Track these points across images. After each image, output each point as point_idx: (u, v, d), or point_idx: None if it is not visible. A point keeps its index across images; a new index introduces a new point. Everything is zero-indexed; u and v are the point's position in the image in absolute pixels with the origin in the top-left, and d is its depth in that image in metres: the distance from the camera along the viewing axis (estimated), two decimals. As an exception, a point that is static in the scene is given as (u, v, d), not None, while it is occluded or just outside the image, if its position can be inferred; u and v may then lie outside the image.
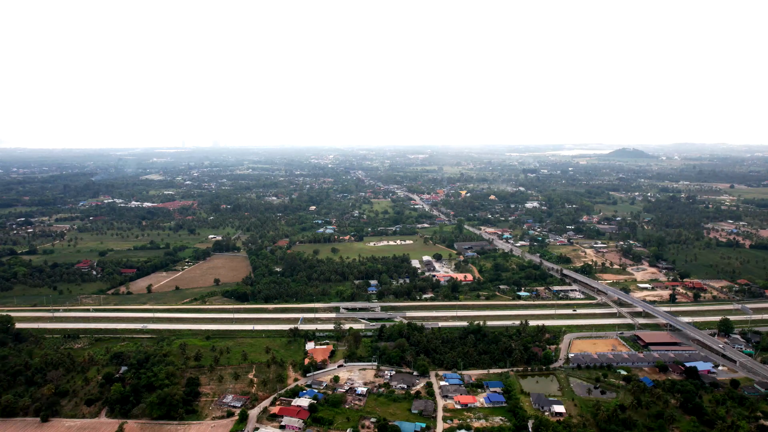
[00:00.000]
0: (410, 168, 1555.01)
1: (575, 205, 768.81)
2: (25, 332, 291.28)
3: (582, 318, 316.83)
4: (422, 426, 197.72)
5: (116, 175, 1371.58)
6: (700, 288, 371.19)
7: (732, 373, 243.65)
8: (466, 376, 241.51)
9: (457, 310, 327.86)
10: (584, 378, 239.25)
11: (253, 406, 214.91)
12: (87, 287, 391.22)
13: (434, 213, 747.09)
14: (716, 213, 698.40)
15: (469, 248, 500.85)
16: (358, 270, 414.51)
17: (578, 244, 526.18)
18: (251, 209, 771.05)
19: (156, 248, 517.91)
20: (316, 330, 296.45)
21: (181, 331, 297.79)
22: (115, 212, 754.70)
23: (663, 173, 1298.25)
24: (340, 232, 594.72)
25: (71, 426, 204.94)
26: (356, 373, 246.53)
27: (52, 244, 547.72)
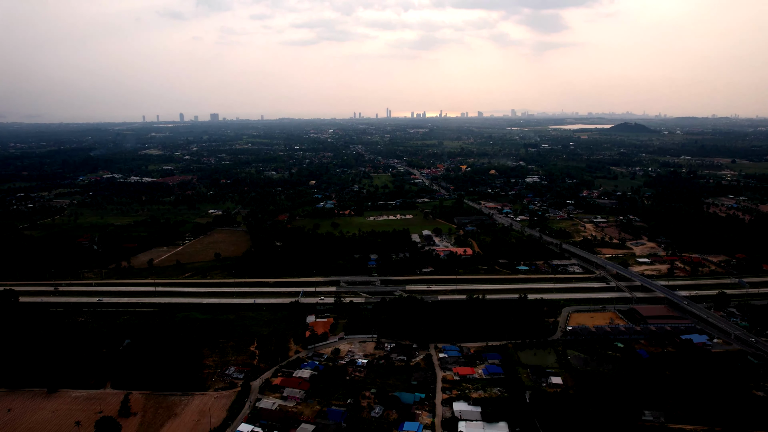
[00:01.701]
0: (410, 142, 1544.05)
1: (576, 180, 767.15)
2: (30, 306, 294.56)
3: (580, 292, 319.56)
4: (421, 396, 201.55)
5: (115, 150, 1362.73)
6: (699, 262, 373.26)
7: (726, 346, 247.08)
8: (464, 348, 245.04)
9: (456, 284, 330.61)
10: (581, 350, 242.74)
11: (255, 378, 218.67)
12: (88, 262, 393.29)
13: (434, 187, 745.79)
14: (717, 188, 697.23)
15: (469, 223, 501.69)
16: (358, 244, 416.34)
17: (578, 219, 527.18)
18: (251, 184, 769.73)
19: (156, 223, 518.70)
20: (316, 303, 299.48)
21: (183, 305, 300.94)
22: (114, 187, 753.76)
23: (664, 148, 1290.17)
24: (340, 207, 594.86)
25: (78, 396, 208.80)
26: (357, 345, 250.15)
27: (52, 219, 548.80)
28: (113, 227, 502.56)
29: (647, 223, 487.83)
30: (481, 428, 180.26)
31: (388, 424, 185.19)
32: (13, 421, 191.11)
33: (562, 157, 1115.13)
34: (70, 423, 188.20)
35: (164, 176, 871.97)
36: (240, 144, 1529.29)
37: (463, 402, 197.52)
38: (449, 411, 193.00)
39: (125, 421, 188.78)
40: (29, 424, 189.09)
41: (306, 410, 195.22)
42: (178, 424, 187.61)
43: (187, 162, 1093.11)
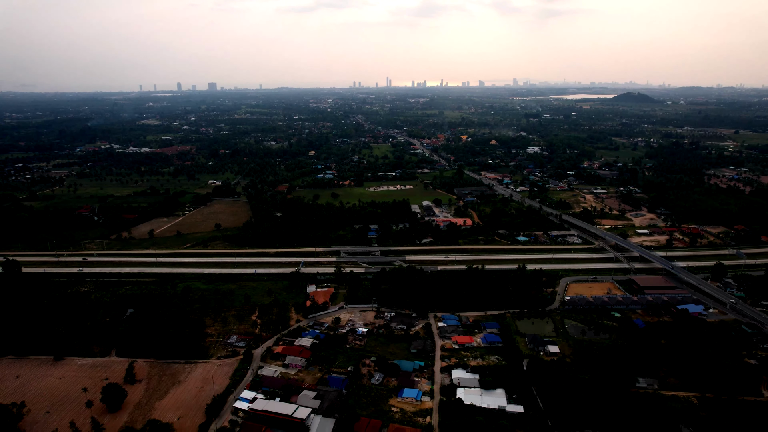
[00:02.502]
0: (411, 112, 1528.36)
1: (577, 151, 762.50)
2: (32, 276, 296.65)
3: (579, 262, 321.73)
4: (421, 364, 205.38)
5: (112, 120, 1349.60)
6: (697, 233, 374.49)
7: (722, 315, 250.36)
8: (463, 317, 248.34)
9: (456, 254, 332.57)
10: (579, 320, 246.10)
11: (257, 346, 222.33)
12: (90, 233, 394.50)
13: (434, 158, 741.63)
14: (718, 159, 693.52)
15: (469, 193, 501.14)
16: (358, 215, 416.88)
17: (578, 190, 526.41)
18: (250, 154, 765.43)
19: (156, 194, 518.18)
20: (317, 273, 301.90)
21: (185, 275, 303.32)
22: (113, 158, 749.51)
23: (667, 118, 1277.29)
24: (339, 177, 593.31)
25: (84, 364, 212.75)
26: (357, 315, 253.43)
27: (51, 190, 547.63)
28: (113, 198, 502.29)
29: (647, 195, 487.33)
30: (479, 395, 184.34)
31: (388, 391, 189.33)
32: (22, 387, 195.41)
33: (564, 127, 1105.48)
34: (77, 389, 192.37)
35: (163, 147, 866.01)
36: (238, 114, 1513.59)
37: (461, 370, 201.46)
38: (448, 378, 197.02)
39: (130, 387, 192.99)
40: (38, 390, 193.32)
41: (307, 377, 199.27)
42: (182, 391, 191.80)
43: (186, 132, 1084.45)
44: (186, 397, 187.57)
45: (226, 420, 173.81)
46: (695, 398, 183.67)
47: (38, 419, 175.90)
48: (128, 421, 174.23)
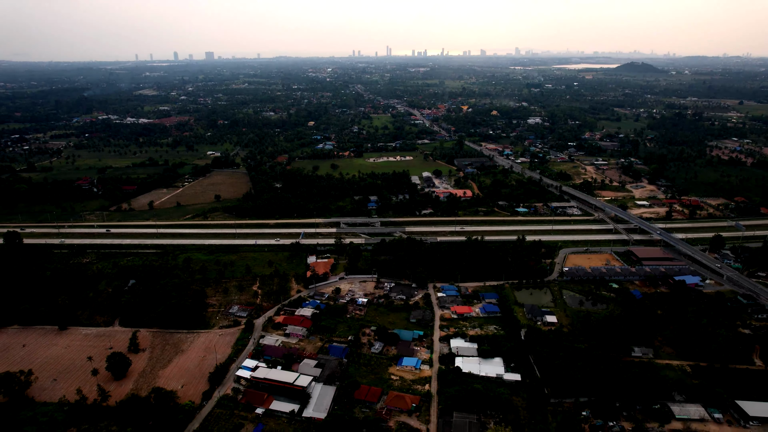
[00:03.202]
0: (411, 82, 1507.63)
1: (578, 122, 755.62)
2: (34, 247, 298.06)
3: (578, 234, 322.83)
4: (420, 333, 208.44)
5: (109, 90, 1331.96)
6: (697, 205, 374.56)
7: (718, 286, 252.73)
8: (462, 288, 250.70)
9: (455, 226, 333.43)
10: (577, 290, 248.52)
11: (258, 316, 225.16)
12: (89, 204, 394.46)
13: (435, 128, 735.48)
14: (721, 130, 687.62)
15: (469, 164, 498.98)
16: (357, 186, 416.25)
17: (579, 161, 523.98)
18: (249, 125, 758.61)
19: (155, 165, 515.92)
20: (317, 244, 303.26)
21: (185, 246, 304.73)
22: (110, 129, 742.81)
23: (671, 89, 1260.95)
24: (339, 148, 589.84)
25: (88, 334, 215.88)
26: (357, 285, 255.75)
27: (50, 161, 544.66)
28: (111, 169, 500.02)
29: (648, 166, 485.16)
30: (477, 364, 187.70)
31: (388, 360, 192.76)
32: (29, 355, 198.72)
33: (566, 98, 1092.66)
34: (83, 358, 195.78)
35: (161, 117, 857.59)
36: (237, 84, 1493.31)
37: (460, 339, 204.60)
38: (447, 347, 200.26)
39: (134, 356, 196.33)
40: (44, 358, 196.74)
41: (308, 346, 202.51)
42: (185, 360, 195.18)
43: (184, 102, 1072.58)
44: (189, 366, 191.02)
45: (229, 388, 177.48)
46: (689, 367, 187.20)
47: (46, 386, 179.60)
48: (133, 388, 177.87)
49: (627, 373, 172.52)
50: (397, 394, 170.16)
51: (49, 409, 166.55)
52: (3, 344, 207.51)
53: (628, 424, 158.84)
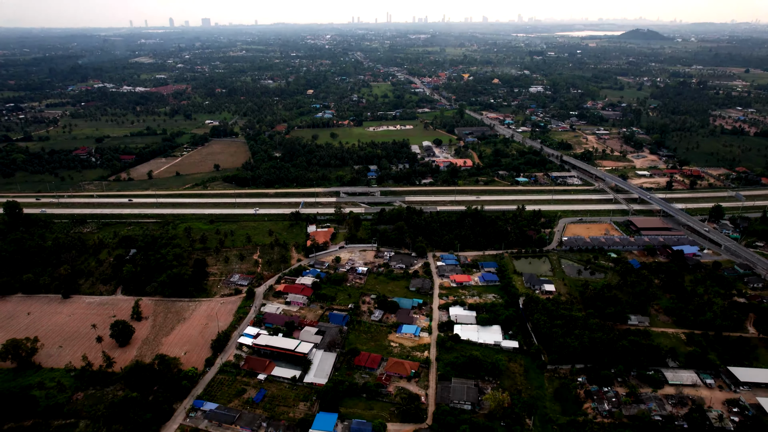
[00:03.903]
0: (411, 49, 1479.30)
1: (580, 90, 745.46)
2: (34, 217, 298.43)
3: (578, 203, 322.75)
4: (419, 302, 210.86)
5: (104, 57, 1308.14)
6: (698, 175, 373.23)
7: (716, 256, 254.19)
8: (462, 257, 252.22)
9: (455, 195, 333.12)
10: (575, 260, 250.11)
11: (259, 285, 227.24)
12: (87, 174, 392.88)
13: (435, 97, 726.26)
14: (726, 99, 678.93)
15: (470, 133, 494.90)
16: (357, 155, 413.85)
17: (580, 131, 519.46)
18: (247, 93, 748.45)
19: (153, 134, 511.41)
20: (317, 214, 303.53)
21: (185, 216, 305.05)
22: (107, 97, 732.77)
23: (676, 56, 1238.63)
24: (338, 117, 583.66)
25: (91, 302, 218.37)
26: (357, 254, 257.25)
27: (46, 130, 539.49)
28: (109, 139, 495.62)
29: (650, 136, 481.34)
30: (476, 331, 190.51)
31: (387, 327, 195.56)
32: (34, 323, 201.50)
33: (568, 65, 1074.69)
34: (87, 325, 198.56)
35: (158, 86, 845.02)
36: (234, 51, 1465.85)
37: (459, 307, 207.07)
38: (446, 315, 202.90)
39: (137, 324, 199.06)
40: (49, 326, 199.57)
41: (309, 314, 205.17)
42: (187, 328, 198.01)
43: (181, 71, 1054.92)
44: (191, 333, 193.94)
45: (231, 354, 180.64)
46: (683, 334, 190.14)
47: (52, 353, 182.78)
48: (137, 355, 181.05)
49: (622, 341, 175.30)
50: (397, 360, 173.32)
51: (56, 374, 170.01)
52: (8, 312, 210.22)
53: (623, 389, 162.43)
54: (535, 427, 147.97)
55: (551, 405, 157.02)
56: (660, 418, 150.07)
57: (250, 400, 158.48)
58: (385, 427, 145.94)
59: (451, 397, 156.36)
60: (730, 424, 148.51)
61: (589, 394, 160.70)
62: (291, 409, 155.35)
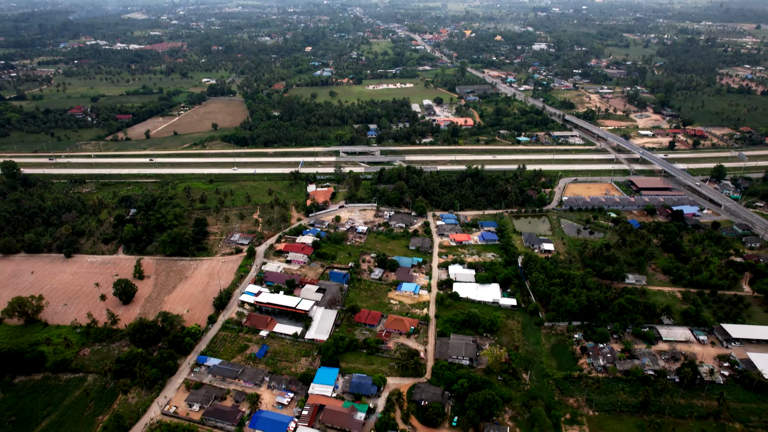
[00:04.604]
0: (412, 5, 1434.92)
1: (585, 48, 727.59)
2: (32, 177, 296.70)
3: (579, 163, 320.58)
4: (419, 260, 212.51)
5: (95, 13, 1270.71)
6: (701, 135, 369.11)
7: (715, 216, 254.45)
8: (462, 216, 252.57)
9: (456, 155, 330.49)
10: (575, 219, 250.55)
11: (259, 244, 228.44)
12: (84, 133, 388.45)
13: (436, 54, 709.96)
14: (734, 57, 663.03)
15: (471, 92, 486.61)
16: (357, 114, 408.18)
17: (583, 89, 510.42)
18: (244, 51, 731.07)
19: (149, 93, 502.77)
20: (316, 173, 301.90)
21: (184, 175, 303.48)
22: (100, 55, 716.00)
23: (685, 12, 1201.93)
24: (337, 75, 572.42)
25: (93, 261, 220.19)
26: (357, 214, 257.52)
27: (40, 89, 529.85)
28: (104, 98, 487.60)
29: (654, 95, 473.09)
30: (475, 289, 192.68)
31: (387, 285, 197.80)
32: (38, 282, 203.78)
33: (573, 22, 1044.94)
34: (90, 284, 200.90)
35: (152, 43, 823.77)
36: (230, 7, 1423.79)
37: (458, 265, 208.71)
38: (445, 273, 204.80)
39: (140, 282, 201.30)
40: (53, 284, 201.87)
41: (310, 273, 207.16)
42: (189, 286, 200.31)
43: (175, 27, 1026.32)
44: (193, 292, 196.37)
45: (233, 312, 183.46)
46: (680, 293, 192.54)
47: (57, 311, 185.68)
48: (141, 313, 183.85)
49: (619, 299, 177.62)
50: (396, 317, 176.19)
51: (63, 331, 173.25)
52: (12, 271, 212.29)
53: (618, 346, 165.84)
54: (532, 381, 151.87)
55: (548, 361, 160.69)
56: (653, 372, 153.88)
57: (253, 356, 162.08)
58: (385, 381, 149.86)
59: (450, 352, 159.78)
60: (720, 377, 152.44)
61: (584, 350, 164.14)
62: (293, 364, 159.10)
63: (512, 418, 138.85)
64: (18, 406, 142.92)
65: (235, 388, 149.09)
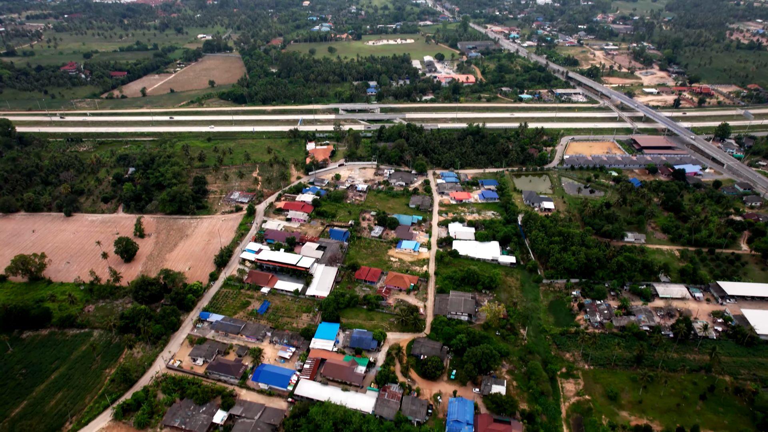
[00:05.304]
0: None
1: (591, 2, 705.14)
2: (28, 136, 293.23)
3: (581, 121, 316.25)
4: (419, 218, 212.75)
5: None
6: (707, 93, 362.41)
7: (717, 175, 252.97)
8: (462, 174, 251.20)
9: (457, 112, 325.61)
10: (576, 178, 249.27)
11: (259, 202, 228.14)
12: (78, 91, 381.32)
13: (438, 9, 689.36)
14: (746, 11, 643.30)
15: (473, 48, 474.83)
16: (356, 70, 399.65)
17: (588, 46, 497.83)
18: (240, 5, 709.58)
19: (143, 49, 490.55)
20: (315, 131, 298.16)
21: (182, 134, 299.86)
22: (91, 9, 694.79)
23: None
24: (336, 30, 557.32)
25: (93, 220, 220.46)
26: (356, 172, 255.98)
27: (30, 45, 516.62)
28: (98, 54, 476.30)
29: (661, 51, 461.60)
30: (474, 247, 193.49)
31: (387, 243, 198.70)
32: (40, 240, 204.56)
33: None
34: (91, 242, 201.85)
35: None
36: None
37: (458, 223, 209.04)
38: (445, 231, 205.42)
39: (141, 241, 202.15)
40: (54, 243, 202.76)
41: (310, 231, 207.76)
42: (190, 244, 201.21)
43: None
44: (194, 249, 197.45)
45: (234, 269, 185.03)
46: (678, 251, 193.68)
47: (60, 269, 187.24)
48: (143, 270, 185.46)
49: (618, 257, 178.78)
50: (396, 274, 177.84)
51: (67, 288, 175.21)
52: (13, 230, 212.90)
53: (615, 303, 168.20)
54: (529, 336, 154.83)
55: (545, 317, 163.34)
56: (648, 328, 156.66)
57: (255, 312, 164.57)
58: (385, 336, 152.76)
59: (449, 308, 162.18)
60: (714, 333, 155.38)
61: (582, 306, 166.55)
62: (294, 320, 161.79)
63: (509, 371, 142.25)
64: (27, 360, 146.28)
65: (237, 343, 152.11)
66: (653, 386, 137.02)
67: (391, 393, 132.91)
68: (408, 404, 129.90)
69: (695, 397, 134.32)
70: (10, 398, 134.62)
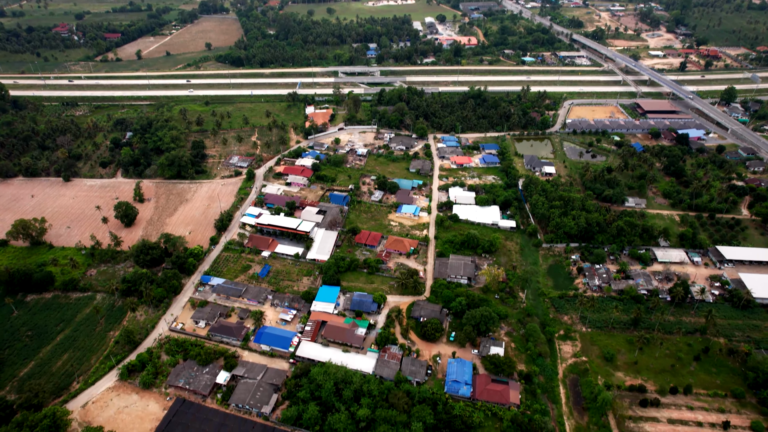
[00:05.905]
0: None
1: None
2: (22, 100, 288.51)
3: (585, 85, 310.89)
4: (419, 183, 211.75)
5: None
6: (715, 56, 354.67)
7: (721, 140, 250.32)
8: (463, 138, 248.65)
9: (458, 75, 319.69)
10: (578, 143, 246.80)
11: (258, 166, 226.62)
12: (72, 54, 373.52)
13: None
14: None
15: (476, 9, 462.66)
16: (356, 32, 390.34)
17: (594, 7, 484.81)
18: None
19: (137, 10, 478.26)
20: (315, 94, 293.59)
21: (179, 97, 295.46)
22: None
23: None
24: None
25: (92, 185, 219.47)
26: (356, 136, 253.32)
27: (19, 5, 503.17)
28: (90, 15, 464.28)
29: (669, 12, 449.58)
30: (474, 211, 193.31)
31: (387, 207, 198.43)
32: (39, 205, 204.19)
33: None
34: (91, 207, 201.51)
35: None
36: None
37: (458, 188, 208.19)
38: (445, 196, 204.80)
39: (140, 205, 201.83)
40: (54, 208, 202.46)
41: (310, 195, 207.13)
42: (189, 209, 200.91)
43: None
44: (194, 214, 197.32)
45: (235, 233, 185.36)
46: (678, 216, 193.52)
47: (61, 233, 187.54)
48: (143, 234, 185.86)
49: (618, 222, 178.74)
50: (396, 238, 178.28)
51: (68, 252, 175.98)
52: (12, 195, 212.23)
53: (614, 267, 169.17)
54: (528, 300, 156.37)
55: (544, 280, 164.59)
56: (646, 292, 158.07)
57: (256, 276, 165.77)
58: (385, 299, 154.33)
59: (449, 272, 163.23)
60: (710, 296, 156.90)
61: (581, 270, 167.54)
62: (295, 283, 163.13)
63: (508, 333, 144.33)
64: (33, 322, 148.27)
65: (239, 306, 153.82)
66: (649, 348, 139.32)
67: (391, 354, 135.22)
68: (408, 365, 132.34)
69: (689, 359, 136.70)
70: (18, 359, 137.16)
